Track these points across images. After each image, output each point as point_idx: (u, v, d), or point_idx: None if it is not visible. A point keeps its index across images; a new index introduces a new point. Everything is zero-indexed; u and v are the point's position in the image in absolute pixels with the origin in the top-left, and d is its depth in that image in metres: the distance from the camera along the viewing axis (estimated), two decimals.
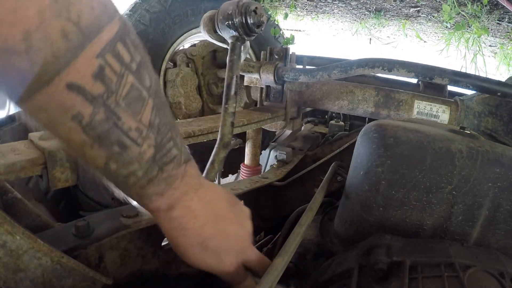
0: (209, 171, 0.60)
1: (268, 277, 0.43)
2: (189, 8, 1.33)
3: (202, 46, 1.38)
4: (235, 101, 0.61)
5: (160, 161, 0.38)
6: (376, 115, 1.11)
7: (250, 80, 1.24)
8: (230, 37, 0.69)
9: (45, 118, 0.32)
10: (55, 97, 0.30)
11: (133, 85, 0.33)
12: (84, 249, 0.48)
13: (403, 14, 2.93)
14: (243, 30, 0.68)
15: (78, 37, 0.28)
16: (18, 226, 0.40)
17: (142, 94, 0.34)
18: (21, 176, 0.43)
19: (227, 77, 0.63)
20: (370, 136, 0.60)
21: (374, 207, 0.58)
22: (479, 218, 0.54)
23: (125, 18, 0.34)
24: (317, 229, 0.75)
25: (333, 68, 0.94)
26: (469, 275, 0.45)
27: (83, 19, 0.28)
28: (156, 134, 0.37)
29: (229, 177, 1.66)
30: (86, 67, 0.29)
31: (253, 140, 1.28)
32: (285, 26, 3.42)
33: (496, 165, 0.53)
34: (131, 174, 0.37)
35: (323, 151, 1.24)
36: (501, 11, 2.23)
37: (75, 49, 0.28)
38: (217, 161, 0.60)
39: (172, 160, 0.40)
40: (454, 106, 1.02)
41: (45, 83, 0.28)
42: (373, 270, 0.49)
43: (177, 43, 1.34)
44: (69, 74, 0.29)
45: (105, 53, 0.30)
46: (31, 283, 0.42)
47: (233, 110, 0.61)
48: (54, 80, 0.29)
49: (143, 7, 1.23)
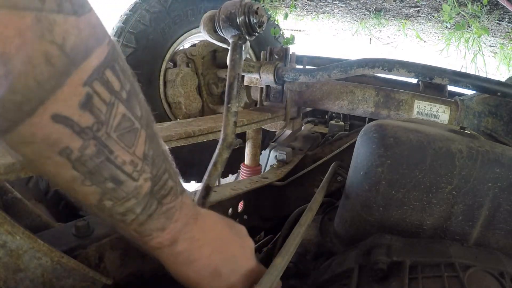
0: (211, 173, 0.58)
1: (268, 277, 0.43)
2: (189, 8, 1.33)
3: (202, 46, 1.38)
4: (237, 100, 0.61)
5: (158, 194, 0.36)
6: (376, 115, 1.11)
7: (250, 80, 1.24)
8: (232, 36, 0.69)
9: (30, 152, 0.29)
10: (40, 130, 0.27)
11: (124, 115, 0.31)
12: (84, 249, 0.48)
13: (403, 14, 2.93)
14: (246, 29, 0.68)
15: (63, 62, 0.26)
16: (18, 226, 0.40)
17: (134, 125, 0.32)
18: (21, 176, 0.43)
19: (229, 76, 0.63)
20: (370, 136, 0.60)
21: (374, 207, 0.58)
22: (479, 218, 0.54)
23: (114, 41, 0.32)
24: (317, 229, 0.75)
25: (333, 68, 0.94)
26: (469, 275, 0.45)
27: (69, 41, 0.26)
28: (152, 166, 0.35)
29: (229, 177, 1.66)
30: (72, 96, 0.27)
31: (253, 140, 1.28)
32: (285, 26, 3.42)
33: (496, 165, 0.53)
34: (129, 211, 0.35)
35: (323, 151, 1.24)
36: (501, 11, 2.23)
37: (60, 75, 0.26)
38: (220, 162, 0.59)
39: (169, 192, 0.38)
40: (454, 106, 1.02)
41: (27, 114, 0.26)
42: (373, 270, 0.49)
43: (177, 43, 1.34)
44: (54, 103, 0.26)
45: (93, 81, 0.28)
46: (31, 283, 0.42)
47: (236, 109, 0.60)
48: (38, 110, 0.26)
49: (143, 7, 1.23)
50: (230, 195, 0.80)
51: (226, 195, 0.79)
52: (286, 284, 0.67)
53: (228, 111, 0.60)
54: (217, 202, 0.74)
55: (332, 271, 0.57)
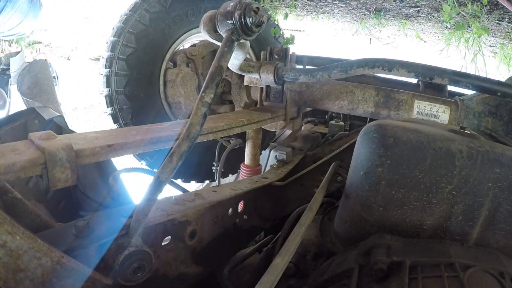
0: (164, 165, 0.51)
1: (268, 277, 0.43)
2: (189, 8, 1.33)
3: (202, 46, 1.38)
4: (213, 92, 0.56)
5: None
6: (376, 115, 1.11)
7: (250, 80, 1.24)
8: (226, 30, 0.69)
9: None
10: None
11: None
12: (84, 249, 0.48)
13: (403, 14, 2.93)
14: (240, 26, 0.68)
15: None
16: (18, 226, 0.40)
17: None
18: (21, 176, 0.43)
19: (212, 65, 0.60)
20: (370, 136, 0.60)
21: (374, 207, 0.58)
22: (479, 218, 0.54)
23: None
24: (317, 229, 0.75)
25: (333, 68, 0.94)
26: (469, 275, 0.45)
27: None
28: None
29: (229, 177, 1.66)
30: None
31: (253, 140, 1.28)
32: (285, 26, 3.42)
33: (496, 165, 0.53)
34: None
35: (323, 151, 1.24)
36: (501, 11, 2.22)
37: None
38: (177, 155, 0.52)
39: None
40: (454, 106, 1.02)
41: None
42: (373, 270, 0.49)
43: (177, 43, 1.34)
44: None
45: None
46: (31, 283, 0.42)
47: (209, 100, 0.55)
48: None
49: (143, 7, 1.23)
50: (230, 195, 0.80)
51: (226, 195, 0.79)
52: (286, 284, 0.67)
53: (200, 99, 0.55)
54: (217, 202, 0.74)
55: (332, 271, 0.57)
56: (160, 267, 0.62)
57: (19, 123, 0.92)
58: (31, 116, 0.95)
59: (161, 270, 0.62)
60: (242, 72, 1.11)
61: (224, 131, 0.78)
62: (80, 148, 0.49)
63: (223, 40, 0.66)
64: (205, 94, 0.55)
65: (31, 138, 0.49)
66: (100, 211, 0.58)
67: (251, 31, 0.70)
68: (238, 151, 1.36)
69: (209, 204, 0.72)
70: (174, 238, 0.64)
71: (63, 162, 0.46)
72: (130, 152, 0.56)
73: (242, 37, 0.70)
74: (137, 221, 0.52)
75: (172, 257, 0.64)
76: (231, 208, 0.81)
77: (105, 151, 0.52)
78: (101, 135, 0.56)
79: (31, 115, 0.95)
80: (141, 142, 0.57)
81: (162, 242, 0.62)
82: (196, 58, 1.36)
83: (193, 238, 0.68)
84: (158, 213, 0.63)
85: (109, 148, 0.52)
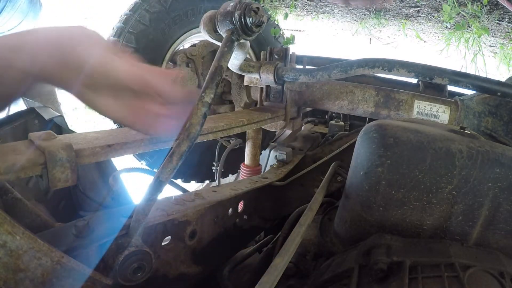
0: (165, 165, 0.51)
1: (268, 277, 0.43)
2: (189, 8, 1.33)
3: (202, 46, 1.38)
4: (213, 92, 0.56)
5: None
6: (376, 115, 1.11)
7: (250, 80, 1.24)
8: (226, 30, 0.69)
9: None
10: None
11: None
12: (84, 249, 0.48)
13: (403, 14, 2.93)
14: (240, 26, 0.68)
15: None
16: (18, 226, 0.40)
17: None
18: (21, 176, 0.43)
19: (212, 66, 0.60)
20: (370, 136, 0.60)
21: (374, 207, 0.58)
22: (479, 218, 0.54)
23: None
24: (317, 229, 0.75)
25: (333, 68, 0.94)
26: (469, 275, 0.45)
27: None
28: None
29: (229, 177, 1.66)
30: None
31: (253, 140, 1.28)
32: (285, 26, 3.42)
33: (496, 165, 0.53)
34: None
35: (323, 151, 1.24)
36: (501, 11, 2.23)
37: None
38: (177, 155, 0.51)
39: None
40: (454, 106, 1.02)
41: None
42: (373, 270, 0.49)
43: (177, 43, 1.34)
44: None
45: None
46: (31, 283, 0.42)
47: (209, 100, 0.55)
48: None
49: (143, 7, 1.23)
50: (230, 195, 0.80)
51: (226, 195, 0.79)
52: (286, 284, 0.67)
53: (200, 100, 0.55)
54: (217, 202, 0.74)
55: (332, 271, 0.57)
56: (160, 267, 0.62)
57: (19, 123, 0.92)
58: (31, 116, 0.95)
59: (161, 270, 0.62)
60: (242, 72, 1.11)
61: (224, 131, 0.78)
62: (80, 148, 0.49)
63: (223, 40, 0.66)
64: (205, 94, 0.55)
65: (31, 138, 0.49)
66: (100, 211, 0.58)
67: (251, 31, 0.70)
68: (238, 151, 1.36)
69: (209, 204, 0.72)
70: (174, 238, 0.64)
71: (63, 162, 0.46)
72: (130, 152, 0.56)
73: (242, 37, 0.70)
74: (137, 221, 0.52)
75: (172, 257, 0.64)
76: (231, 208, 0.81)
77: (105, 151, 0.52)
78: (101, 135, 0.56)
79: (31, 115, 0.95)
80: (141, 142, 0.57)
81: (162, 242, 0.62)
82: (196, 58, 1.36)
83: (193, 238, 0.68)
84: (158, 213, 0.63)
85: (109, 148, 0.52)
